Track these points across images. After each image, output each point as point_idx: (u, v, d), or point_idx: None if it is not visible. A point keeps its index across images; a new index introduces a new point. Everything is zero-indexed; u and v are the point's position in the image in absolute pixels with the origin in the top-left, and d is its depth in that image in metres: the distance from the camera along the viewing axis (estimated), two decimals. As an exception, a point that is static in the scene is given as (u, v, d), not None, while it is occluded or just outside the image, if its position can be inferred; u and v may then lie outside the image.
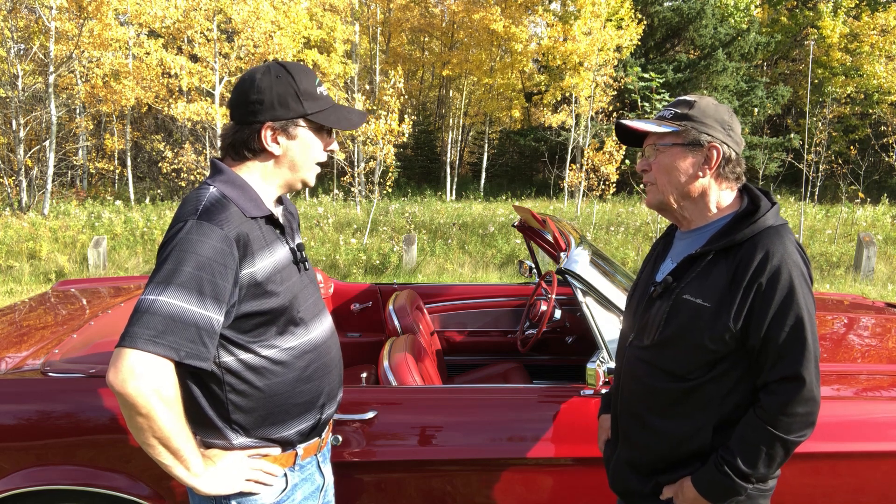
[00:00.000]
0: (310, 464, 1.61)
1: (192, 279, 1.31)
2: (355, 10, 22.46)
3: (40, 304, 3.17)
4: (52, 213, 13.64)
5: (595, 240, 11.38)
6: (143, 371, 1.26)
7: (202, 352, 1.33)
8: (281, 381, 1.48)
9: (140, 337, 1.27)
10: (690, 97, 1.57)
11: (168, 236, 1.37)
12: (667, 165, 1.53)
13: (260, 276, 1.42)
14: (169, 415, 1.30)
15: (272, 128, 1.46)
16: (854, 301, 3.65)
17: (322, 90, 1.52)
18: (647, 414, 1.57)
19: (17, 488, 2.00)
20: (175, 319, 1.29)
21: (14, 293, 7.91)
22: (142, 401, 1.26)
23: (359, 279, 9.02)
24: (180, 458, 1.34)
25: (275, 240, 1.50)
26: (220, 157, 1.56)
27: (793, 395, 1.41)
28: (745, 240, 1.46)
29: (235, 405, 1.45)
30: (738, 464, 1.43)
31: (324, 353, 1.58)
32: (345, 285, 3.74)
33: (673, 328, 1.50)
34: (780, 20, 25.17)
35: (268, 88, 1.45)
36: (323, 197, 17.73)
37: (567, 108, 18.57)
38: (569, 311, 3.46)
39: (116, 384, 1.26)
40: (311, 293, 1.60)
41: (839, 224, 12.19)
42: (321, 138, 1.53)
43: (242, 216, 1.42)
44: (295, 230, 1.66)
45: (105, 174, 21.08)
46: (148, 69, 14.78)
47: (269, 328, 1.46)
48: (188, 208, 1.40)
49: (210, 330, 1.33)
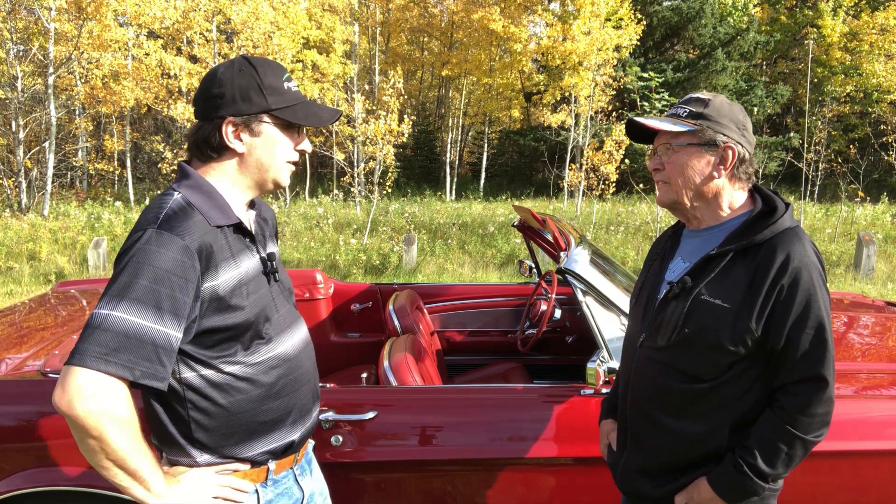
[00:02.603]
0: (285, 478, 1.53)
1: (148, 293, 1.22)
2: (354, 10, 22.46)
3: (40, 305, 3.17)
4: (52, 215, 13.64)
5: (595, 239, 11.38)
6: (92, 391, 1.17)
7: (159, 371, 1.23)
8: (246, 399, 1.39)
9: (90, 354, 1.18)
10: (704, 95, 1.55)
11: (125, 246, 1.28)
12: (681, 165, 1.52)
13: (223, 289, 1.33)
14: (122, 435, 1.21)
15: (233, 123, 1.37)
16: (854, 300, 3.65)
17: (290, 86, 1.43)
18: (660, 414, 1.56)
19: (19, 489, 2.00)
20: (129, 336, 1.20)
21: (14, 294, 7.91)
22: (91, 422, 1.18)
23: (359, 279, 9.02)
24: (138, 479, 1.25)
25: (242, 249, 1.41)
26: (187, 159, 1.46)
27: (813, 396, 1.41)
28: (764, 241, 1.45)
29: (198, 423, 1.37)
30: (759, 464, 1.43)
31: (295, 368, 1.49)
32: (345, 285, 3.74)
33: (691, 329, 1.48)
34: (779, 19, 25.17)
35: (229, 81, 1.37)
36: (323, 197, 17.72)
37: (566, 107, 18.58)
38: (569, 311, 3.46)
39: (62, 405, 1.17)
40: (282, 304, 1.51)
41: (839, 223, 12.19)
42: (289, 136, 1.44)
43: (206, 225, 1.34)
44: (268, 237, 1.57)
45: (105, 175, 21.08)
46: (147, 70, 14.78)
47: (234, 344, 1.37)
48: (149, 216, 1.31)
49: (168, 348, 1.24)
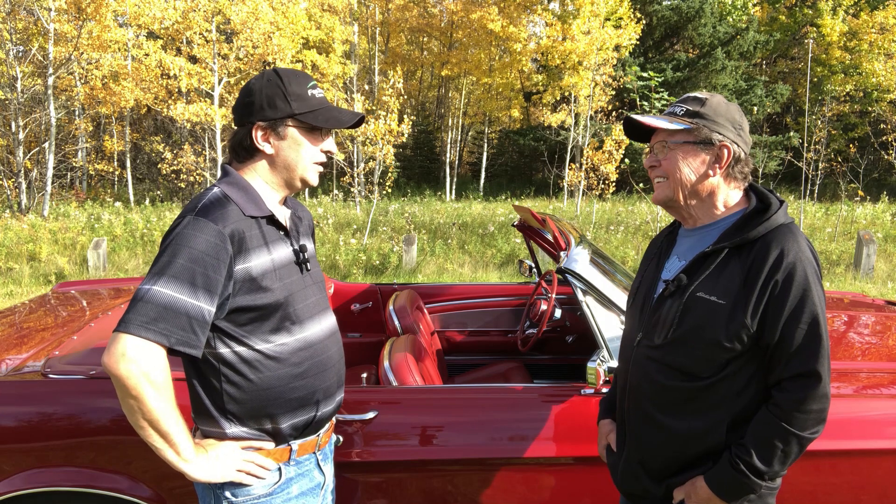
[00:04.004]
0: (308, 461, 1.64)
1: (185, 271, 1.38)
2: (354, 10, 22.45)
3: (40, 305, 3.17)
4: (52, 215, 13.64)
5: (595, 239, 11.38)
6: (133, 355, 1.33)
7: (192, 340, 1.39)
8: (273, 376, 1.52)
9: (133, 322, 1.34)
10: (701, 94, 1.57)
11: (168, 231, 1.46)
12: (677, 162, 1.53)
13: (255, 271, 1.48)
14: (158, 398, 1.36)
15: (262, 127, 1.54)
16: (854, 299, 3.65)
17: (315, 93, 1.58)
18: (657, 413, 1.56)
19: (19, 490, 2.00)
20: (167, 308, 1.36)
21: (14, 295, 7.91)
22: (132, 382, 1.33)
23: (359, 279, 9.02)
24: (170, 442, 1.40)
25: (276, 239, 1.56)
26: (228, 161, 1.67)
27: (808, 392, 1.41)
28: (758, 237, 1.46)
29: (230, 395, 1.51)
30: (754, 461, 1.43)
31: (320, 352, 1.61)
32: (345, 286, 3.74)
33: (687, 326, 1.49)
34: (778, 18, 25.17)
35: (258, 91, 1.54)
36: (323, 197, 17.73)
37: (566, 107, 18.58)
38: (569, 311, 3.46)
39: (110, 365, 1.34)
40: (313, 293, 1.64)
41: (839, 222, 12.19)
42: (314, 138, 1.58)
43: (241, 214, 1.50)
44: (302, 233, 1.71)
45: (104, 176, 21.08)
46: (147, 70, 14.77)
47: (264, 323, 1.51)
48: (190, 206, 1.49)
49: (201, 320, 1.40)
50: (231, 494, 1.53)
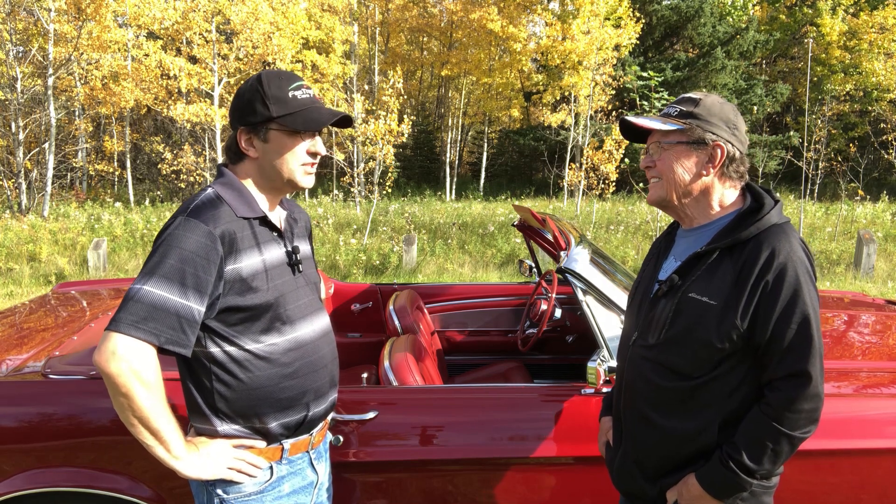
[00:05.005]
0: (300, 459, 1.64)
1: (175, 271, 1.40)
2: (354, 10, 22.44)
3: (41, 306, 3.17)
4: (52, 216, 13.64)
5: (595, 239, 11.38)
6: (124, 353, 1.35)
7: (182, 339, 1.40)
8: (263, 376, 1.53)
9: (124, 321, 1.36)
10: (696, 94, 1.57)
11: (160, 231, 1.49)
12: (671, 163, 1.54)
13: (245, 272, 1.49)
14: (148, 396, 1.38)
15: (245, 132, 1.55)
16: (854, 298, 3.65)
17: (298, 94, 1.55)
18: (652, 412, 1.57)
19: (19, 490, 2.00)
20: (157, 307, 1.38)
21: (14, 295, 7.91)
22: (122, 380, 1.35)
23: (359, 279, 9.02)
24: (160, 439, 1.41)
25: (269, 240, 1.58)
26: (224, 163, 1.67)
27: (799, 392, 1.41)
28: (750, 237, 1.47)
29: (220, 394, 1.52)
30: (744, 460, 1.44)
31: (311, 353, 1.61)
32: (345, 286, 3.74)
33: (679, 326, 1.50)
34: (778, 18, 25.17)
35: (241, 95, 1.56)
36: (322, 197, 17.73)
37: (566, 107, 18.57)
38: (569, 310, 3.46)
39: (100, 363, 1.36)
40: (305, 294, 1.65)
41: (839, 221, 12.19)
42: (298, 141, 1.56)
43: (233, 215, 1.51)
44: (297, 235, 1.71)
45: (104, 176, 21.08)
46: (147, 71, 14.78)
47: (254, 323, 1.52)
48: (183, 207, 1.51)
49: (191, 319, 1.41)
50: (222, 492, 1.54)
